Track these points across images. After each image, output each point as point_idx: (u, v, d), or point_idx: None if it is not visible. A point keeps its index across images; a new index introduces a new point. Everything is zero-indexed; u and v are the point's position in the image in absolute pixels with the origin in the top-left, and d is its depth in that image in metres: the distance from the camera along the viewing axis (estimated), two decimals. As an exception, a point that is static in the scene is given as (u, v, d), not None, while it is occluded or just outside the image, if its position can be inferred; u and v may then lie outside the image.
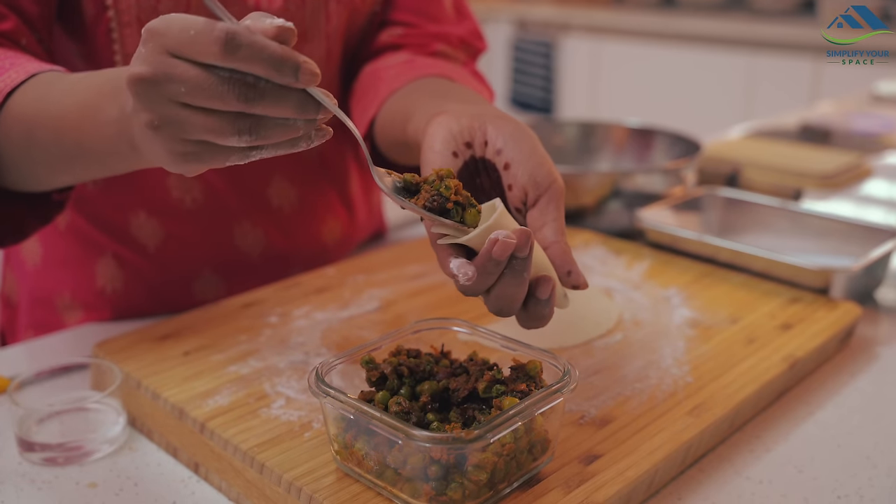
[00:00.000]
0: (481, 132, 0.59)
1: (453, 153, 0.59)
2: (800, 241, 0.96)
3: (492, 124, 0.59)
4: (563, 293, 0.57)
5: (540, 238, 0.57)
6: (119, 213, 0.84)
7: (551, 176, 0.58)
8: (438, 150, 0.58)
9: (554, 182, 0.58)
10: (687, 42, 3.42)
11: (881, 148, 1.51)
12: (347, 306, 0.79)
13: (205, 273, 0.88)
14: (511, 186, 0.58)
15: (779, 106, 2.82)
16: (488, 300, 0.54)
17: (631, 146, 1.21)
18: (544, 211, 0.57)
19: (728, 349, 0.71)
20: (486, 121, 0.59)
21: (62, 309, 0.88)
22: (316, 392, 0.52)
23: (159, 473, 0.61)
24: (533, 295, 0.54)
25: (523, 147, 0.58)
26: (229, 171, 0.85)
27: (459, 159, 0.59)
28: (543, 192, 0.57)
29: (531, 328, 0.56)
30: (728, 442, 0.64)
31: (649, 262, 0.91)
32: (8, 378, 0.72)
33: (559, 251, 0.56)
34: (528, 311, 0.55)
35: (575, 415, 0.61)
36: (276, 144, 0.50)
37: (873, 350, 0.79)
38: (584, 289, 0.57)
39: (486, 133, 0.59)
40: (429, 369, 0.58)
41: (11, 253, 0.94)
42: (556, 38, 3.95)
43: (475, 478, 0.49)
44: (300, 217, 0.91)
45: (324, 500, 0.51)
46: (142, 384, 0.65)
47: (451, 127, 0.59)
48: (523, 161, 0.58)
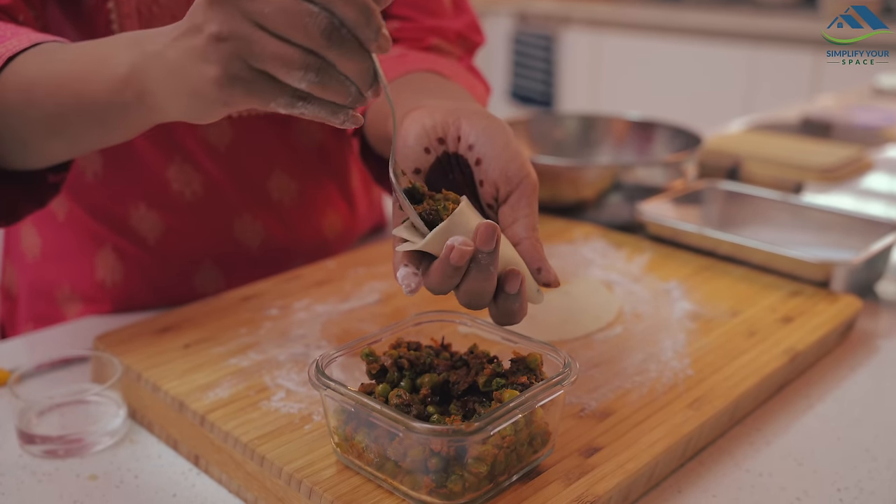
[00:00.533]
0: (455, 127, 0.58)
1: (425, 149, 0.58)
2: (800, 235, 0.96)
3: (466, 120, 0.58)
4: (535, 288, 0.56)
5: (511, 234, 0.56)
6: (119, 206, 0.84)
7: (523, 171, 0.57)
8: (411, 145, 0.58)
9: (526, 177, 0.57)
10: (688, 35, 3.42)
11: (882, 141, 1.51)
12: (348, 299, 0.79)
13: (205, 266, 0.88)
14: (482, 182, 0.58)
15: (780, 99, 2.82)
16: (458, 294, 0.54)
17: (631, 139, 1.21)
18: (515, 207, 0.57)
19: (728, 342, 0.71)
20: (461, 116, 0.59)
21: (62, 301, 0.88)
22: (316, 384, 0.52)
23: (159, 466, 0.61)
24: (502, 290, 0.54)
25: (496, 142, 0.57)
26: (229, 164, 0.85)
27: (432, 155, 0.58)
28: (515, 188, 0.57)
29: (504, 324, 0.55)
30: (728, 435, 0.64)
31: (650, 255, 0.91)
32: (8, 371, 0.72)
33: (529, 247, 0.56)
34: (499, 307, 0.54)
35: (575, 407, 0.61)
36: (320, 104, 0.49)
37: (874, 343, 0.79)
38: (556, 286, 0.56)
39: (460, 128, 0.58)
40: (429, 362, 0.58)
41: (11, 245, 0.94)
42: (556, 32, 3.94)
43: (475, 470, 0.49)
44: (300, 210, 0.91)
45: (324, 492, 0.51)
46: (142, 377, 0.65)
47: (425, 122, 0.59)
48: (495, 156, 0.57)
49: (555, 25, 3.96)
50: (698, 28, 3.37)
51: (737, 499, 0.56)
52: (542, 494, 0.52)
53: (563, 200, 1.02)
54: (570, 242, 0.94)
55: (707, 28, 3.35)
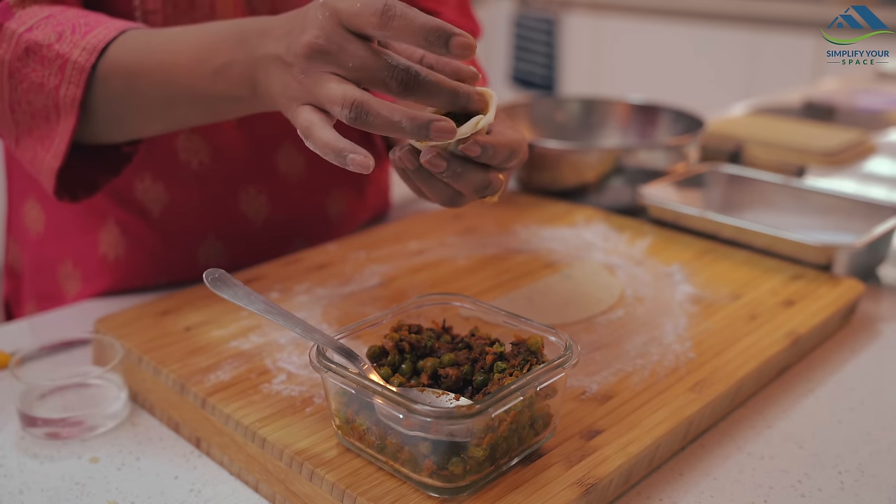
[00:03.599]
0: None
1: None
2: (803, 218, 0.96)
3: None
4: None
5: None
6: (124, 177, 0.83)
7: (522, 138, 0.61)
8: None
9: (524, 141, 0.61)
10: (690, 18, 3.40)
11: (885, 125, 1.50)
12: (349, 282, 0.79)
13: (208, 241, 0.88)
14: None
15: (782, 82, 2.80)
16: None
17: (634, 123, 1.20)
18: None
19: (730, 325, 0.71)
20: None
21: (63, 278, 0.88)
22: (317, 367, 0.52)
23: (161, 448, 0.61)
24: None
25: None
26: (240, 133, 0.85)
27: None
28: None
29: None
30: (729, 418, 0.64)
31: (651, 238, 0.90)
32: (10, 353, 0.72)
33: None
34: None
35: (576, 390, 0.61)
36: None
37: (875, 327, 0.78)
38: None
39: None
40: (430, 345, 0.58)
41: (14, 223, 0.94)
42: (558, 15, 3.92)
43: (476, 453, 0.49)
44: (306, 186, 0.91)
45: (325, 474, 0.52)
46: (143, 359, 0.65)
47: None
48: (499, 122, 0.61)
49: (556, 8, 3.93)
50: (701, 11, 3.35)
51: (738, 481, 0.57)
52: (543, 477, 0.52)
53: (565, 184, 1.02)
54: (571, 226, 0.94)
55: (710, 11, 3.33)
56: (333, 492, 0.51)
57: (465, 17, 0.97)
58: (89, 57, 0.65)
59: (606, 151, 1.00)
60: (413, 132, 0.51)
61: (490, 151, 0.55)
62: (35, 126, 0.68)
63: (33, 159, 0.70)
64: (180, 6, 0.76)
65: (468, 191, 0.58)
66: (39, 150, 0.69)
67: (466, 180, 0.56)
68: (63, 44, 0.66)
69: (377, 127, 0.52)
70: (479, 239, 0.90)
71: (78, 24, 0.67)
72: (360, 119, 0.51)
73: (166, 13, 0.76)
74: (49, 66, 0.66)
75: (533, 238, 0.90)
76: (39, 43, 0.66)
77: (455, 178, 0.56)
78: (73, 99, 0.66)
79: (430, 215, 0.97)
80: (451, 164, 0.55)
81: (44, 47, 0.66)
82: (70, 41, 0.66)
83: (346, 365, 0.53)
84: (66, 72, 0.66)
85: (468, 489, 0.50)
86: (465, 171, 0.56)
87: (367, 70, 0.52)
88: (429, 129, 0.51)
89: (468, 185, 0.57)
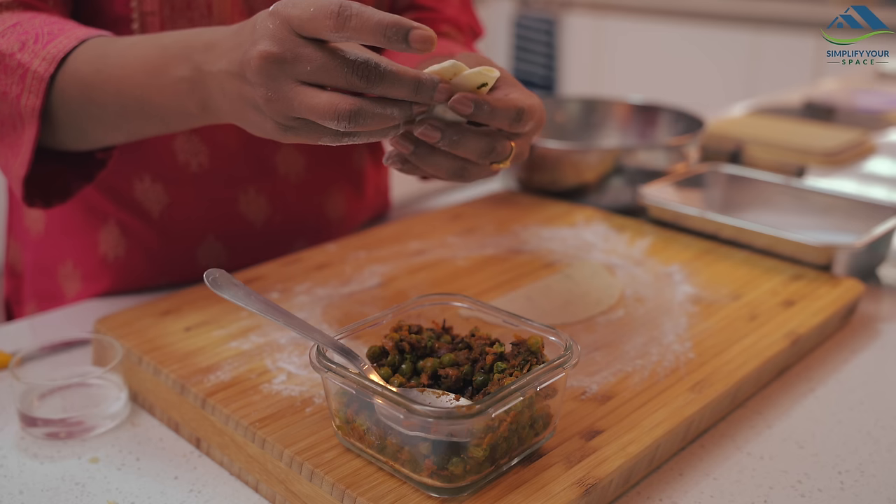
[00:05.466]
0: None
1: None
2: (803, 218, 0.96)
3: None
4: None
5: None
6: (124, 178, 0.84)
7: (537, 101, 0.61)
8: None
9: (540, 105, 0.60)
10: (690, 18, 3.40)
11: (885, 125, 1.50)
12: (349, 282, 0.79)
13: (208, 241, 0.88)
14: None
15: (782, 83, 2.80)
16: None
17: (634, 123, 1.20)
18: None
19: (730, 325, 0.71)
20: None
21: (63, 278, 0.88)
22: (317, 367, 0.52)
23: (161, 448, 0.61)
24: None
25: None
26: (238, 135, 0.85)
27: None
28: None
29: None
30: (729, 418, 0.64)
31: (651, 238, 0.90)
32: (10, 353, 0.72)
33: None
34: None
35: (577, 390, 0.61)
36: (367, 134, 0.54)
37: (875, 327, 0.78)
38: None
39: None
40: (430, 345, 0.58)
41: (15, 222, 0.94)
42: (558, 15, 3.92)
43: (476, 453, 0.49)
44: (305, 186, 0.91)
45: (325, 474, 0.52)
46: (143, 360, 0.65)
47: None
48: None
49: (556, 9, 3.93)
50: (701, 11, 3.35)
51: (738, 482, 0.57)
52: (543, 477, 0.52)
53: (565, 184, 1.02)
54: (571, 226, 0.94)
55: (710, 11, 3.32)
56: (333, 492, 0.51)
57: (466, 14, 0.97)
58: (48, 67, 0.65)
59: (606, 152, 1.00)
60: (413, 88, 0.51)
61: (486, 108, 0.54)
62: (5, 133, 0.69)
63: (5, 165, 0.71)
64: (177, 7, 0.76)
65: (473, 157, 0.57)
66: (10, 157, 0.70)
67: (465, 147, 0.56)
68: (25, 53, 0.66)
69: (376, 119, 0.52)
70: (479, 239, 0.90)
71: (41, 34, 0.67)
72: (359, 123, 0.51)
73: (163, 15, 0.76)
74: (12, 75, 0.66)
75: (533, 238, 0.90)
76: (3, 52, 0.67)
77: (453, 146, 0.56)
78: (32, 109, 0.66)
79: (430, 215, 0.97)
80: (447, 133, 0.55)
81: (7, 56, 0.66)
82: (32, 50, 0.66)
83: (346, 365, 0.53)
84: (27, 81, 0.66)
85: (468, 489, 0.50)
86: (463, 138, 0.56)
87: (327, 70, 0.51)
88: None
89: (470, 151, 0.56)
